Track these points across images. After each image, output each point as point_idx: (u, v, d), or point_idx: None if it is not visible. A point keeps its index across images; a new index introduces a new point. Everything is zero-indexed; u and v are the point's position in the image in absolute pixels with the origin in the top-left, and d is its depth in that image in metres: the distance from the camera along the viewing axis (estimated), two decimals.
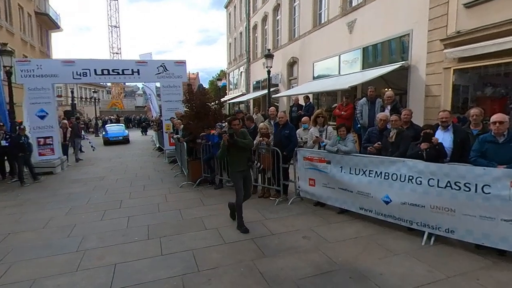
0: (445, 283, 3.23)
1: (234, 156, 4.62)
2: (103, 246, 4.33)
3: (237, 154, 4.59)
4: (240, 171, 4.65)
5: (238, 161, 4.63)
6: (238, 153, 4.58)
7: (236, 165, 4.66)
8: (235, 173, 4.69)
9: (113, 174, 9.53)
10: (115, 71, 10.67)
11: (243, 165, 4.65)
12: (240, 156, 4.61)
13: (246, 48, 24.19)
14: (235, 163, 4.66)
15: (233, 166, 4.71)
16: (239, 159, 4.62)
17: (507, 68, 6.98)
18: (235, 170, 4.68)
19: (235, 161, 4.65)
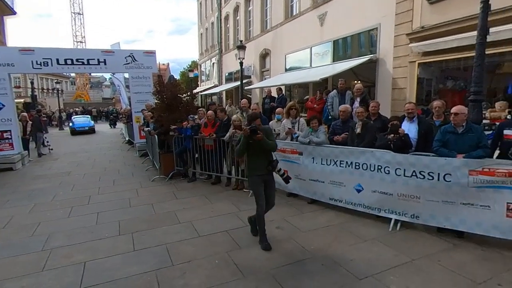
0: (410, 266, 3.42)
1: (253, 157, 3.96)
2: (71, 244, 4.16)
3: (257, 155, 3.90)
4: (259, 175, 3.94)
5: (257, 163, 3.93)
6: (258, 153, 3.88)
7: (255, 168, 3.96)
8: (253, 177, 3.99)
9: (80, 169, 9.12)
10: (79, 61, 10.11)
11: (262, 167, 3.92)
12: (259, 157, 3.90)
13: (218, 39, 23.85)
14: (254, 165, 3.98)
15: (251, 168, 4.04)
16: (258, 161, 3.92)
17: (466, 62, 7.40)
18: (253, 173, 3.98)
19: (254, 163, 3.97)
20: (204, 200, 5.85)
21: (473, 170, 3.73)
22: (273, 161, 3.95)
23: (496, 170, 3.62)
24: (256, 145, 3.77)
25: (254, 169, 3.98)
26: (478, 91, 4.95)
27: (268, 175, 3.98)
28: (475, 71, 4.92)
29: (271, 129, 4.21)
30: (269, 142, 3.84)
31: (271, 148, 3.91)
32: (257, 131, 3.69)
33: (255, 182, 3.97)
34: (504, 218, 3.60)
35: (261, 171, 3.92)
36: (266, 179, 3.98)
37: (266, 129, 4.03)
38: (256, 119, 3.87)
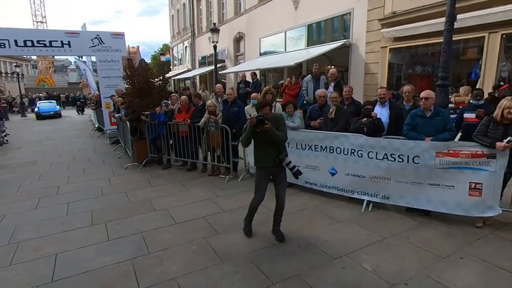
0: (381, 244, 3.59)
1: (259, 148, 3.61)
2: (40, 236, 3.99)
3: (264, 145, 3.56)
4: (265, 167, 3.62)
5: (264, 155, 3.59)
6: (265, 144, 3.54)
7: (261, 158, 3.63)
8: (259, 169, 3.69)
9: (47, 158, 8.68)
10: (40, 43, 9.44)
11: (269, 159, 3.56)
12: (266, 147, 3.55)
13: (190, 21, 23.09)
14: (260, 157, 3.64)
15: (257, 158, 3.70)
16: (265, 152, 3.57)
17: (434, 48, 7.67)
18: (260, 164, 3.67)
19: (260, 154, 3.63)
20: (180, 187, 5.78)
21: (440, 152, 3.92)
22: (282, 153, 3.57)
23: (460, 151, 3.83)
24: (264, 135, 3.46)
25: (260, 160, 3.65)
26: (445, 76, 5.15)
27: (276, 167, 3.59)
28: (443, 56, 5.11)
29: (283, 118, 3.77)
30: (278, 133, 3.48)
31: (279, 140, 3.53)
32: (264, 121, 3.36)
33: (260, 174, 3.67)
34: (467, 197, 3.84)
35: (267, 163, 3.58)
36: (274, 171, 3.62)
37: (277, 118, 3.65)
38: (265, 107, 3.51)
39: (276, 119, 3.58)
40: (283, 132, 3.57)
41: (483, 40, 6.81)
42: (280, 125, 3.57)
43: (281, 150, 3.58)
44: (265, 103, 3.62)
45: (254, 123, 3.38)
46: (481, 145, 3.71)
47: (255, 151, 3.70)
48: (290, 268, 3.16)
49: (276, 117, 3.68)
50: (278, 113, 3.86)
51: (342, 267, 3.16)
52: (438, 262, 3.19)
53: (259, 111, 3.53)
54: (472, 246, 3.49)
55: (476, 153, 3.75)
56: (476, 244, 3.53)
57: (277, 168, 3.60)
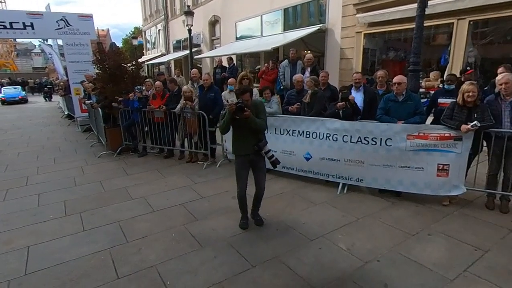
0: (356, 224, 3.74)
1: (238, 135, 3.52)
2: (10, 229, 3.82)
3: (243, 133, 3.45)
4: (243, 155, 3.52)
5: (243, 142, 3.49)
6: (244, 131, 3.43)
7: (240, 146, 3.54)
8: (238, 157, 3.58)
9: (12, 147, 8.24)
10: (0, 25, 8.80)
11: (247, 147, 3.46)
12: (246, 135, 3.44)
13: (163, 3, 22.21)
14: (239, 144, 3.54)
15: (235, 146, 3.60)
16: (244, 140, 3.47)
17: (406, 34, 7.85)
18: (238, 153, 3.57)
19: (239, 141, 3.53)
20: (156, 174, 5.70)
21: (411, 134, 4.08)
22: (261, 141, 3.49)
23: (430, 134, 4.01)
24: (243, 122, 3.34)
25: (239, 148, 3.55)
26: (416, 61, 5.30)
27: (255, 155, 3.51)
28: (414, 42, 5.24)
29: (263, 105, 3.64)
30: (257, 121, 3.38)
31: (259, 128, 3.43)
32: (244, 108, 3.24)
33: (238, 163, 3.58)
34: (435, 178, 4.05)
35: (246, 151, 3.48)
36: (253, 159, 3.53)
37: (257, 105, 3.52)
38: (245, 93, 3.38)
39: (256, 106, 3.46)
40: (263, 120, 3.47)
41: (452, 27, 7.04)
42: (260, 112, 3.46)
43: (260, 138, 3.50)
44: (245, 89, 3.49)
45: (233, 110, 3.26)
46: (448, 128, 3.89)
47: (233, 138, 3.60)
48: (269, 250, 3.24)
49: (256, 104, 3.53)
50: (258, 99, 3.68)
51: (319, 247, 3.27)
52: (408, 240, 3.37)
53: (239, 97, 3.40)
54: (439, 223, 3.71)
55: (444, 136, 3.94)
56: (443, 221, 3.76)
57: (256, 156, 3.52)
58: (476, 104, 3.80)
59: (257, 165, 3.59)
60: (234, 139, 3.59)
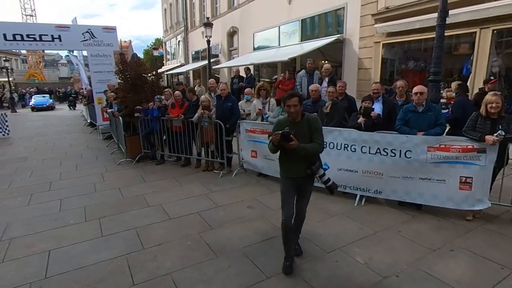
0: (373, 238, 3.64)
1: (288, 156, 2.95)
2: (33, 233, 3.95)
3: (293, 153, 2.87)
4: (292, 178, 3.00)
5: (292, 164, 2.97)
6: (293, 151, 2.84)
7: (289, 169, 3.01)
8: (284, 179, 3.07)
9: (38, 154, 8.58)
10: (30, 37, 9.29)
11: (298, 169, 2.94)
12: (297, 157, 2.90)
13: (183, 15, 22.84)
14: (288, 166, 3.01)
15: (283, 168, 3.08)
16: (293, 161, 2.95)
17: (427, 43, 7.72)
18: (286, 174, 3.05)
19: (288, 163, 3.00)
20: (173, 182, 5.77)
21: (431, 146, 3.97)
22: (315, 163, 2.93)
23: (452, 146, 3.88)
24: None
25: (287, 170, 3.03)
26: (437, 71, 5.20)
27: (304, 179, 3.00)
28: (435, 52, 5.15)
29: (319, 121, 3.00)
30: (309, 146, 2.85)
31: (312, 154, 2.92)
32: (289, 138, 2.70)
33: (285, 187, 3.05)
34: (458, 191, 3.91)
35: (296, 174, 2.97)
36: (301, 183, 3.02)
37: (311, 121, 2.92)
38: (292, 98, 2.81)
39: (309, 123, 2.90)
40: (318, 141, 2.90)
41: (475, 36, 6.87)
42: (315, 130, 2.90)
43: (314, 160, 2.96)
44: (293, 94, 2.89)
45: (278, 140, 2.74)
46: (471, 139, 3.77)
47: (281, 159, 3.07)
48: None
49: (310, 120, 2.92)
50: (313, 115, 3.04)
51: (335, 260, 3.20)
52: (429, 255, 3.25)
53: (285, 102, 2.86)
54: (462, 238, 3.56)
55: (467, 148, 3.81)
56: (466, 236, 3.61)
57: (305, 179, 3.01)
58: (500, 115, 3.66)
59: (304, 189, 3.09)
60: (282, 160, 3.06)
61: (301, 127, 2.89)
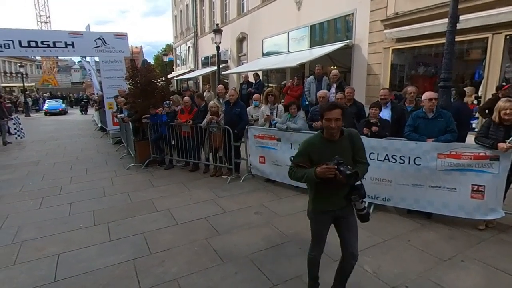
0: (382, 246, 3.58)
1: (328, 185, 2.26)
2: (43, 236, 4.02)
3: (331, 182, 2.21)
4: (328, 211, 2.44)
5: (330, 194, 2.37)
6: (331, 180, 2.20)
7: (325, 201, 2.42)
8: (318, 214, 2.51)
9: (50, 157, 8.74)
10: (44, 43, 9.52)
11: (338, 199, 2.36)
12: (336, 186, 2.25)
13: (193, 22, 23.14)
14: (323, 197, 2.41)
15: (317, 201, 2.47)
16: (331, 191, 2.34)
17: (437, 49, 7.63)
18: (319, 207, 2.47)
19: (324, 194, 2.39)
20: (182, 187, 5.80)
21: (441, 153, 3.90)
22: (360, 190, 2.28)
23: (463, 153, 3.81)
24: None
25: (321, 201, 2.44)
26: (448, 77, 5.12)
27: (344, 209, 2.42)
28: (445, 58, 5.08)
29: (360, 137, 2.43)
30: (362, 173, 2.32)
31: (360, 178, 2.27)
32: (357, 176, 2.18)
33: (319, 223, 2.53)
34: (469, 200, 3.83)
35: (334, 206, 2.40)
36: (341, 215, 2.44)
37: (354, 137, 2.36)
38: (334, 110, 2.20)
39: (352, 139, 2.35)
40: (365, 159, 2.41)
41: (487, 41, 6.77)
42: (359, 148, 2.37)
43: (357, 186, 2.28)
44: (335, 105, 2.27)
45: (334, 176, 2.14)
46: (483, 147, 3.69)
47: (315, 189, 2.43)
48: (291, 269, 3.17)
49: (352, 135, 2.37)
50: (353, 130, 2.44)
51: None
52: (439, 265, 3.18)
53: (324, 114, 2.23)
54: (474, 249, 3.48)
55: (479, 155, 3.74)
56: (478, 247, 3.52)
57: (346, 209, 2.42)
58: None
59: (346, 220, 2.47)
60: (319, 192, 2.41)
61: (342, 147, 2.29)
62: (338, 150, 2.25)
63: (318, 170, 2.18)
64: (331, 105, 2.27)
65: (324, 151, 2.28)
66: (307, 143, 2.39)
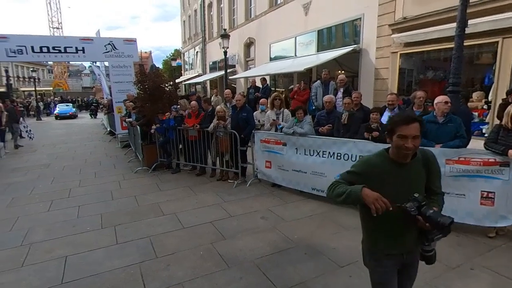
0: None
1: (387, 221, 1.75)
2: (52, 239, 4.07)
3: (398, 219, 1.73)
4: (393, 255, 1.86)
5: (397, 234, 1.82)
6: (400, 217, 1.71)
7: (390, 242, 1.84)
8: (381, 260, 1.89)
9: (60, 161, 8.88)
10: (56, 49, 9.74)
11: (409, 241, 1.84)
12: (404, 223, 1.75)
13: (202, 27, 23.37)
14: (393, 237, 1.83)
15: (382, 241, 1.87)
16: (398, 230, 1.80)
17: (446, 53, 7.55)
18: (384, 250, 1.88)
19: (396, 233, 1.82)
20: (188, 191, 5.82)
21: (450, 159, 3.85)
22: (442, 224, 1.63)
23: (472, 159, 3.75)
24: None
25: (390, 243, 1.83)
26: (457, 82, 5.07)
27: (413, 253, 1.90)
28: (454, 62, 5.03)
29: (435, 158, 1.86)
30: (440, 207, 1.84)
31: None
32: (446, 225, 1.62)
33: (383, 273, 1.90)
34: (478, 206, 3.76)
35: (400, 248, 1.84)
36: (407, 261, 1.90)
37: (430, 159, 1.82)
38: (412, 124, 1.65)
39: (427, 162, 1.81)
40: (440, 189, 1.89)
41: (497, 45, 6.68)
42: (437, 175, 1.85)
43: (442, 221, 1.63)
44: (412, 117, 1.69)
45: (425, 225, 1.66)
46: (493, 152, 3.63)
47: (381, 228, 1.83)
48: (296, 275, 3.15)
49: (428, 157, 1.82)
50: (429, 150, 1.88)
51: (349, 275, 3.13)
52: (447, 273, 3.12)
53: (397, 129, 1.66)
54: (483, 257, 3.41)
55: (489, 161, 3.68)
56: (488, 255, 3.45)
57: (413, 254, 1.90)
58: None
59: (411, 266, 1.96)
60: (384, 229, 1.82)
61: (413, 172, 1.76)
62: (409, 177, 1.74)
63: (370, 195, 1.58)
64: (407, 117, 1.69)
65: (389, 177, 1.73)
66: (367, 164, 1.80)
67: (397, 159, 1.74)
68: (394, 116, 1.82)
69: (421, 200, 1.66)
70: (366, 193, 1.61)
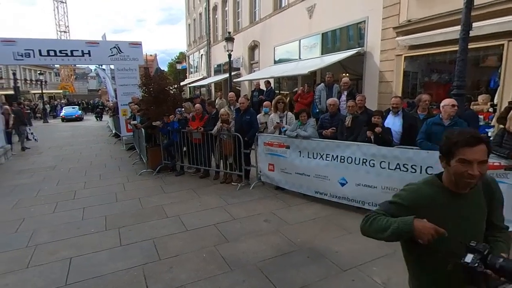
0: (393, 256, 3.50)
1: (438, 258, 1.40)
2: (56, 240, 4.11)
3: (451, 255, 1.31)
4: None
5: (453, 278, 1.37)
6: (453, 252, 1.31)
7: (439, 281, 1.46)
8: None
9: (65, 163, 8.96)
10: (62, 52, 9.86)
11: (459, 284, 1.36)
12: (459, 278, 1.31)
13: (206, 30, 23.51)
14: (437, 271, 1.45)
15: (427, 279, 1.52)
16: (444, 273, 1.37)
17: (451, 56, 7.50)
18: None
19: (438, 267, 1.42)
20: (192, 194, 5.84)
21: None
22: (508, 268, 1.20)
23: None
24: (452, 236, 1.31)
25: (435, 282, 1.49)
26: (461, 85, 5.04)
27: None
28: (458, 65, 5.01)
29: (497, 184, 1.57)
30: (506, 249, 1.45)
31: None
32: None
33: None
34: None
35: None
36: None
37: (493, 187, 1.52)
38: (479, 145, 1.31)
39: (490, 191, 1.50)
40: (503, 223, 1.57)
41: (502, 48, 6.63)
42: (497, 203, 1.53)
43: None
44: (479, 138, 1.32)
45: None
46: (498, 156, 3.60)
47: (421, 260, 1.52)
48: (299, 278, 3.14)
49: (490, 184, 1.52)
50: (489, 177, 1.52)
51: (351, 279, 3.11)
52: None
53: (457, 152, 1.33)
54: None
55: (493, 165, 3.64)
56: None
57: None
58: None
59: None
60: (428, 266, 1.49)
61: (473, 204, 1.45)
62: (469, 211, 1.42)
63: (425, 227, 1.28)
64: (472, 137, 1.31)
65: (444, 211, 1.40)
66: (417, 194, 1.47)
67: (454, 189, 1.41)
68: (452, 135, 1.38)
69: (482, 249, 1.26)
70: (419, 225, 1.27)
